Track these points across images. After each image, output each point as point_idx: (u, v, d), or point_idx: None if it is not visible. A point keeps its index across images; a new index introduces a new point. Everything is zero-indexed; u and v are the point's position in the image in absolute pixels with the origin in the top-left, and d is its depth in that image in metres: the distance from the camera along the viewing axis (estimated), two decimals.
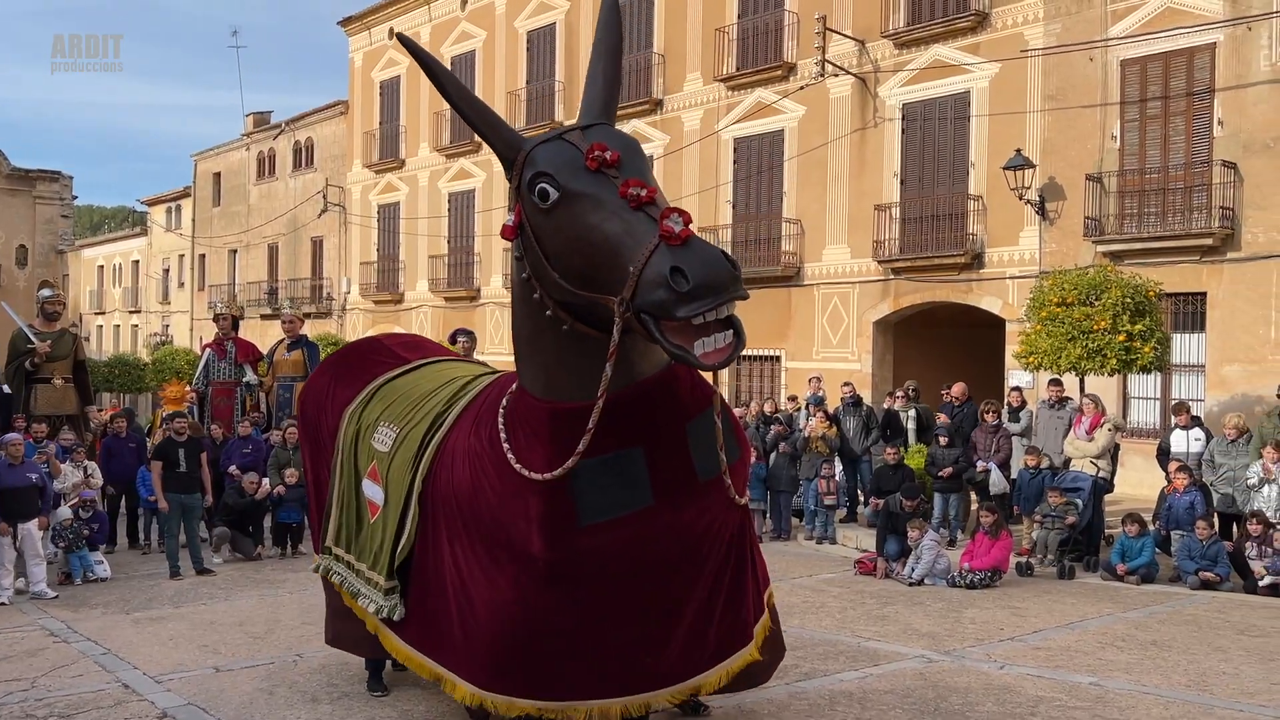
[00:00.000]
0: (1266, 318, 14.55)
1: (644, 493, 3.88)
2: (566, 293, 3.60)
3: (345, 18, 32.40)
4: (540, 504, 3.93)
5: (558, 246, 3.56)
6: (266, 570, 10.76)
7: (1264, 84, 14.58)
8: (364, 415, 5.40)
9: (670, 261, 3.16)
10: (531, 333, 3.93)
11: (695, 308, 3.14)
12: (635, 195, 3.37)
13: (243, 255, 37.65)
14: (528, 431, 4.01)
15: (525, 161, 3.67)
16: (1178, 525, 10.24)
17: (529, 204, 3.63)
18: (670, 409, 3.94)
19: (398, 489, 4.83)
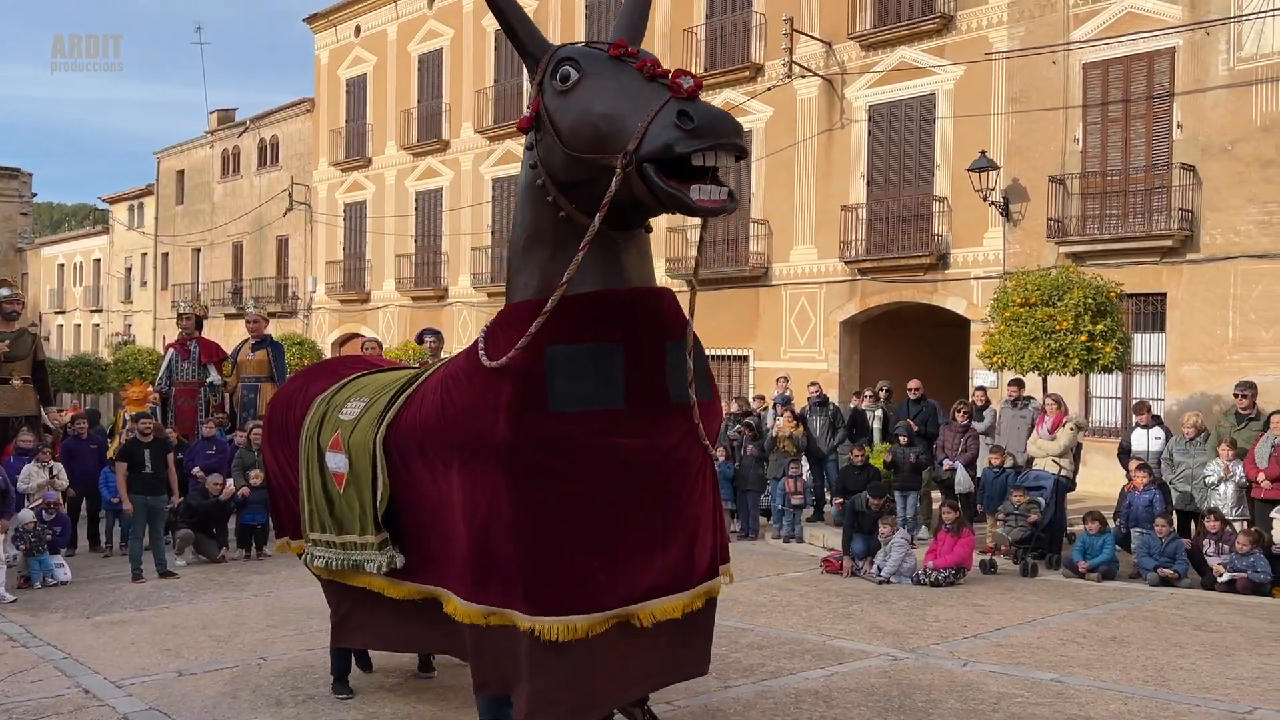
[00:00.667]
0: (1224, 318, 14.80)
1: (616, 393, 3.87)
2: (572, 166, 3.71)
3: (311, 15, 32.15)
4: (511, 389, 3.92)
5: (571, 121, 3.70)
6: (231, 572, 10.67)
7: (1221, 88, 14.83)
8: (334, 399, 5.43)
9: (677, 108, 3.36)
10: (531, 234, 4.03)
11: (696, 144, 3.30)
12: (650, 69, 3.58)
13: (207, 254, 37.26)
14: (509, 332, 4.01)
15: (551, 57, 3.87)
16: (1137, 523, 10.39)
17: (549, 89, 3.81)
18: (654, 323, 3.97)
19: (361, 447, 4.84)
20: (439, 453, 4.34)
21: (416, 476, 4.56)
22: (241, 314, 26.96)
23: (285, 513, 5.98)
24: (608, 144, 3.52)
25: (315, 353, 25.61)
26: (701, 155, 3.33)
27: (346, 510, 5.07)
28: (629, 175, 3.44)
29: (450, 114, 27.50)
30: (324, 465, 5.21)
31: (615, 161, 3.46)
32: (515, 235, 4.16)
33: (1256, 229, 14.53)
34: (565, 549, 3.95)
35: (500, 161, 26.06)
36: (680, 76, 3.44)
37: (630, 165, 3.41)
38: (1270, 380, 13.67)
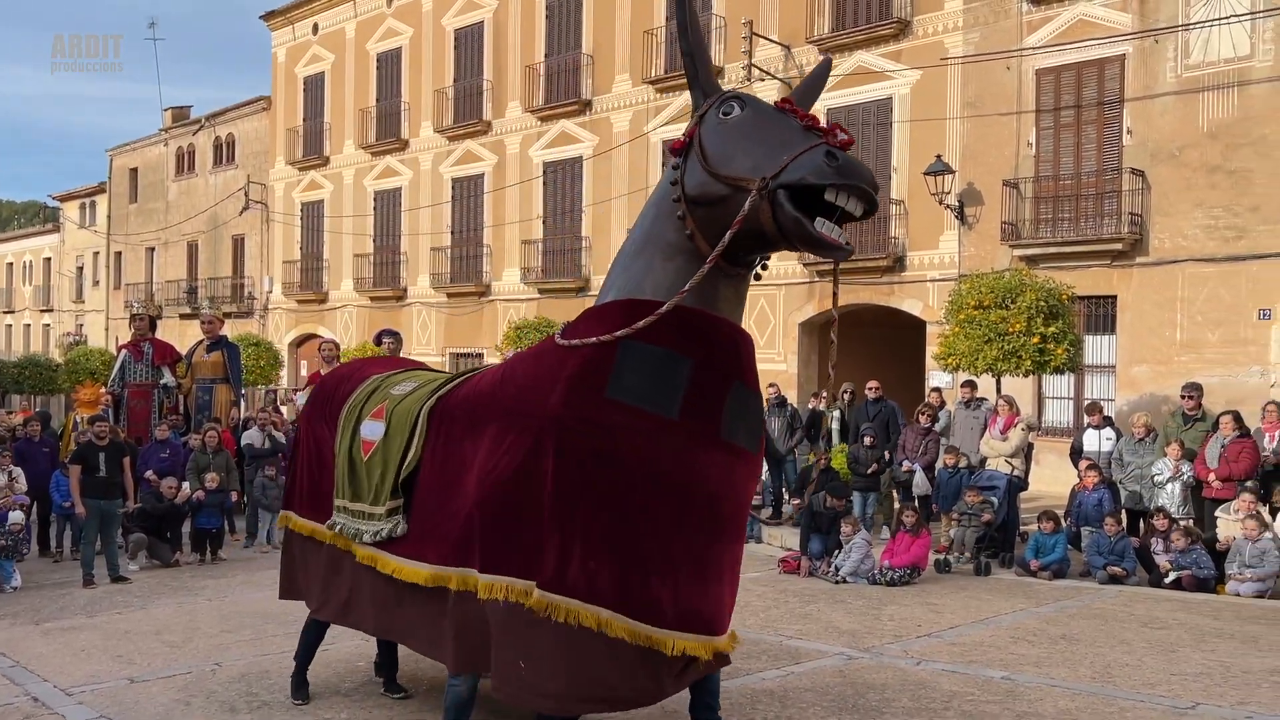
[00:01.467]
0: (1173, 320, 15.11)
1: (673, 403, 3.92)
2: (709, 183, 3.83)
3: (268, 12, 31.82)
4: (577, 364, 4.00)
5: (721, 145, 3.86)
6: (184, 577, 10.54)
7: (1170, 95, 15.15)
8: (389, 378, 5.48)
9: (826, 150, 3.54)
10: (644, 241, 4.14)
11: (837, 179, 3.48)
12: (810, 121, 3.77)
13: (161, 253, 36.73)
14: (592, 323, 4.10)
15: (721, 95, 4.08)
16: (1087, 522, 10.59)
17: (710, 118, 3.98)
18: (729, 356, 4.05)
19: (405, 414, 4.89)
20: (479, 420, 4.41)
21: (450, 448, 4.59)
22: (196, 314, 26.63)
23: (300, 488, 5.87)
24: (748, 169, 3.69)
25: (272, 353, 25.35)
26: (834, 192, 3.51)
27: (365, 479, 5.11)
28: (761, 198, 3.58)
29: (409, 113, 27.34)
30: (356, 433, 5.24)
31: (752, 184, 3.61)
32: (627, 243, 4.29)
33: (1203, 233, 14.85)
34: (588, 534, 3.89)
35: (460, 161, 25.96)
36: (837, 128, 3.70)
37: (766, 188, 3.56)
38: (1216, 381, 14.00)
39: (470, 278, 25.38)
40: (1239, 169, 14.54)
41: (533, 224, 24.06)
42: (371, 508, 5.00)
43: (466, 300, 25.44)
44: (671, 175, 4.06)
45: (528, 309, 23.24)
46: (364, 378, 5.65)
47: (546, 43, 24.00)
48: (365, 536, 4.99)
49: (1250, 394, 13.69)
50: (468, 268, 25.58)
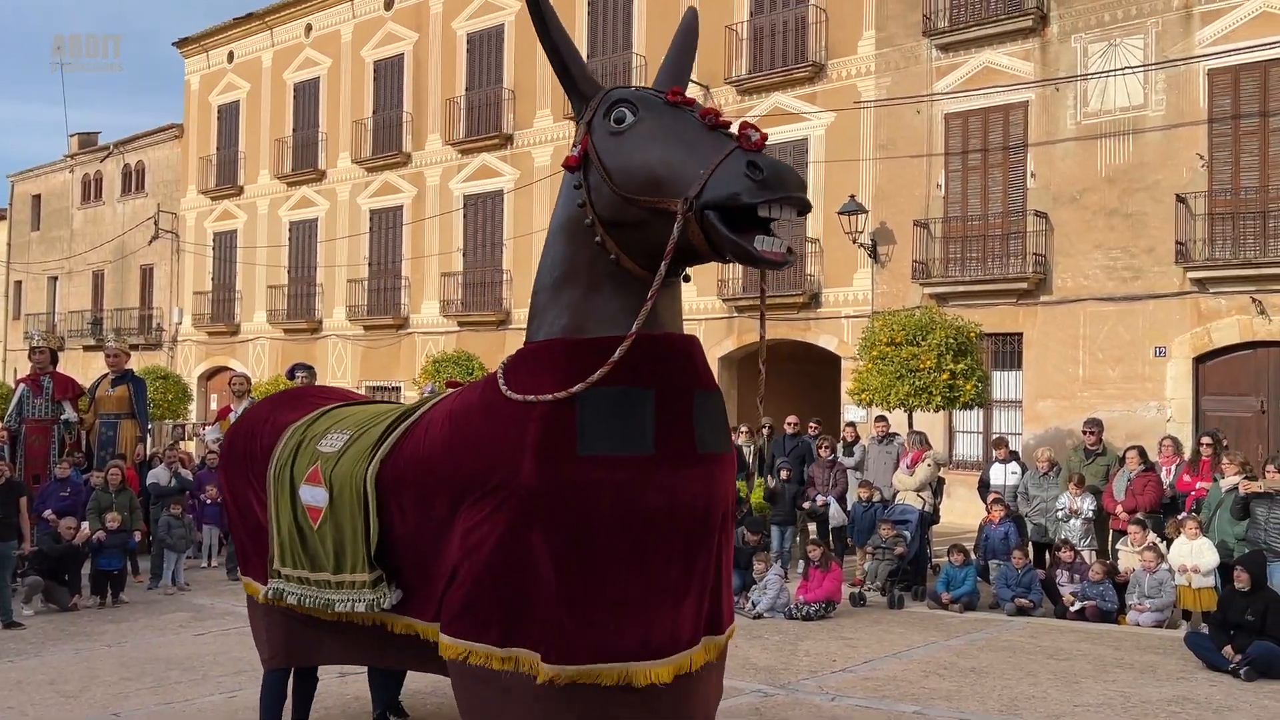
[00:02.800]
0: (1075, 357, 15.66)
1: (646, 440, 3.73)
2: (623, 207, 3.58)
3: (181, 39, 31.27)
4: (539, 428, 3.76)
5: (624, 161, 3.59)
6: (83, 622, 10.13)
7: (1070, 141, 15.79)
8: (310, 428, 5.03)
9: (745, 159, 3.29)
10: (566, 271, 3.86)
11: (767, 195, 3.25)
12: (711, 120, 3.51)
13: (64, 283, 35.54)
14: (534, 368, 3.86)
15: (603, 98, 3.78)
16: (994, 555, 10.85)
17: (601, 129, 3.69)
18: (685, 370, 3.87)
19: (347, 481, 4.51)
20: (441, 489, 4.11)
21: (409, 513, 4.30)
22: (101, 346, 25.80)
23: (250, 550, 5.42)
24: (664, 189, 3.45)
25: (179, 387, 24.66)
26: (768, 206, 3.30)
27: (320, 547, 4.71)
28: (688, 221, 3.38)
29: (327, 144, 27.04)
30: (296, 499, 4.82)
31: (672, 206, 3.40)
32: (545, 271, 3.97)
33: (1103, 273, 15.46)
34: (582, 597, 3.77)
35: (378, 193, 25.73)
36: (748, 128, 3.43)
37: (691, 211, 3.35)
38: (1117, 415, 14.54)
39: (388, 310, 25.09)
40: (1135, 212, 15.20)
41: (452, 256, 23.93)
42: (341, 576, 4.62)
43: (384, 333, 25.14)
44: (576, 196, 3.79)
45: (447, 342, 23.05)
46: (278, 428, 5.21)
47: (467, 77, 24.02)
48: (341, 606, 4.61)
49: (1148, 428, 14.25)
50: (385, 300, 25.30)
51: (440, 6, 24.63)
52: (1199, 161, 14.68)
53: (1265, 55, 14.21)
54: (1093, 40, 15.66)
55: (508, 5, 23.17)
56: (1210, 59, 14.69)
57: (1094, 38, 15.64)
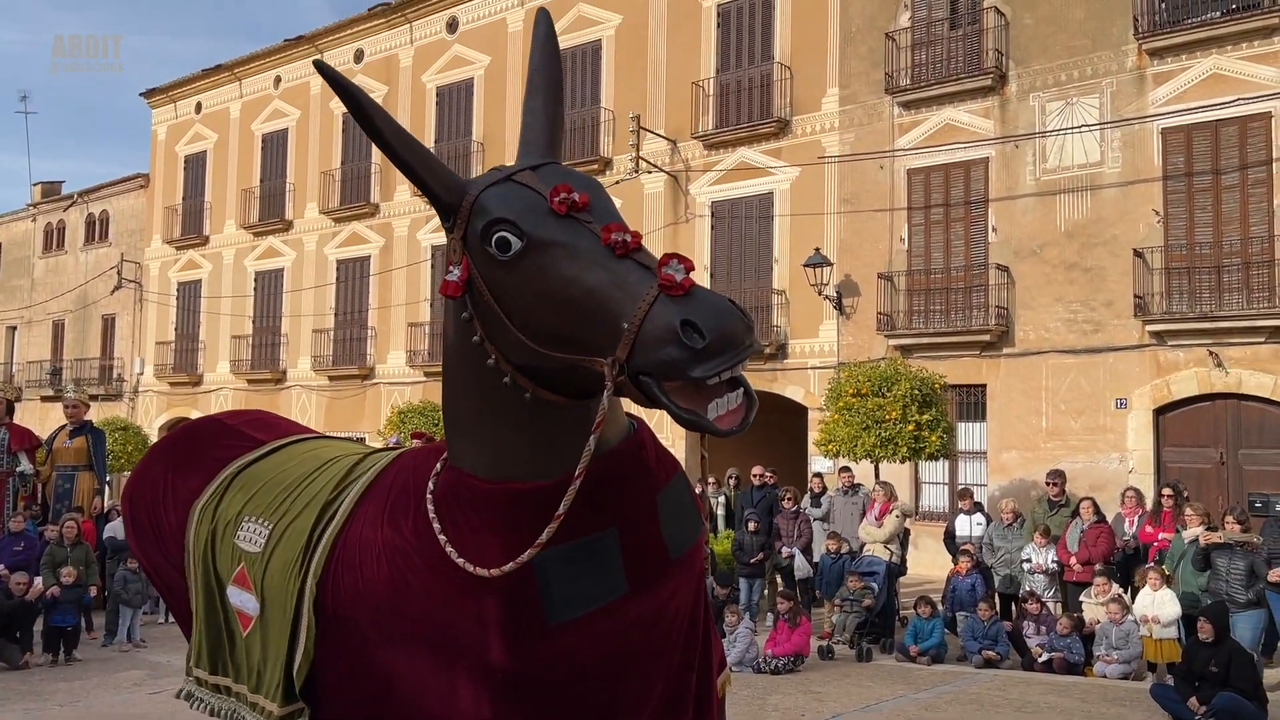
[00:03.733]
0: (1038, 409, 15.83)
1: (618, 580, 3.29)
2: (535, 356, 3.00)
3: (149, 89, 31.23)
4: (498, 604, 3.28)
5: (524, 304, 2.98)
6: (34, 680, 9.84)
7: (1030, 196, 16.11)
8: (220, 510, 4.48)
9: (679, 314, 2.67)
10: (480, 404, 3.28)
11: (712, 366, 2.65)
12: (620, 240, 2.86)
13: (24, 332, 35.03)
14: (475, 521, 3.34)
15: (474, 209, 3.08)
16: (962, 606, 10.85)
17: (481, 256, 3.02)
18: (641, 480, 3.38)
19: (280, 595, 3.97)
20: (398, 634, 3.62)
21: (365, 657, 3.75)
22: (60, 397, 25.39)
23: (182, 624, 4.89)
24: (583, 343, 2.86)
25: (140, 438, 24.28)
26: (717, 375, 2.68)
27: (245, 658, 4.23)
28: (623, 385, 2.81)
29: (294, 194, 27.02)
30: (225, 599, 4.31)
31: (598, 366, 2.81)
32: (454, 395, 3.36)
33: (1064, 326, 15.70)
34: None
35: (346, 243, 25.69)
36: (668, 264, 2.76)
37: (622, 376, 2.78)
38: (1080, 467, 14.68)
39: (353, 360, 24.94)
40: (1094, 266, 15.49)
41: (419, 306, 23.88)
42: (257, 697, 4.11)
43: (349, 383, 24.95)
44: (468, 329, 3.16)
45: (413, 392, 22.91)
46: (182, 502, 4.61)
47: (437, 128, 24.17)
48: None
49: (1110, 479, 14.39)
50: (351, 350, 25.15)
51: (410, 60, 24.84)
52: (1155, 217, 15.02)
53: (1215, 115, 14.63)
54: (1050, 99, 16.05)
55: (477, 60, 23.42)
56: (1163, 118, 15.10)
57: (1051, 96, 16.04)
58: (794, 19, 18.71)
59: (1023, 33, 16.36)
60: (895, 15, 17.60)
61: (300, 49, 27.13)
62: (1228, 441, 14.53)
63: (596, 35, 21.34)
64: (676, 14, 20.14)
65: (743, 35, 19.39)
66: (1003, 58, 16.47)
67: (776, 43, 18.89)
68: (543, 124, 3.31)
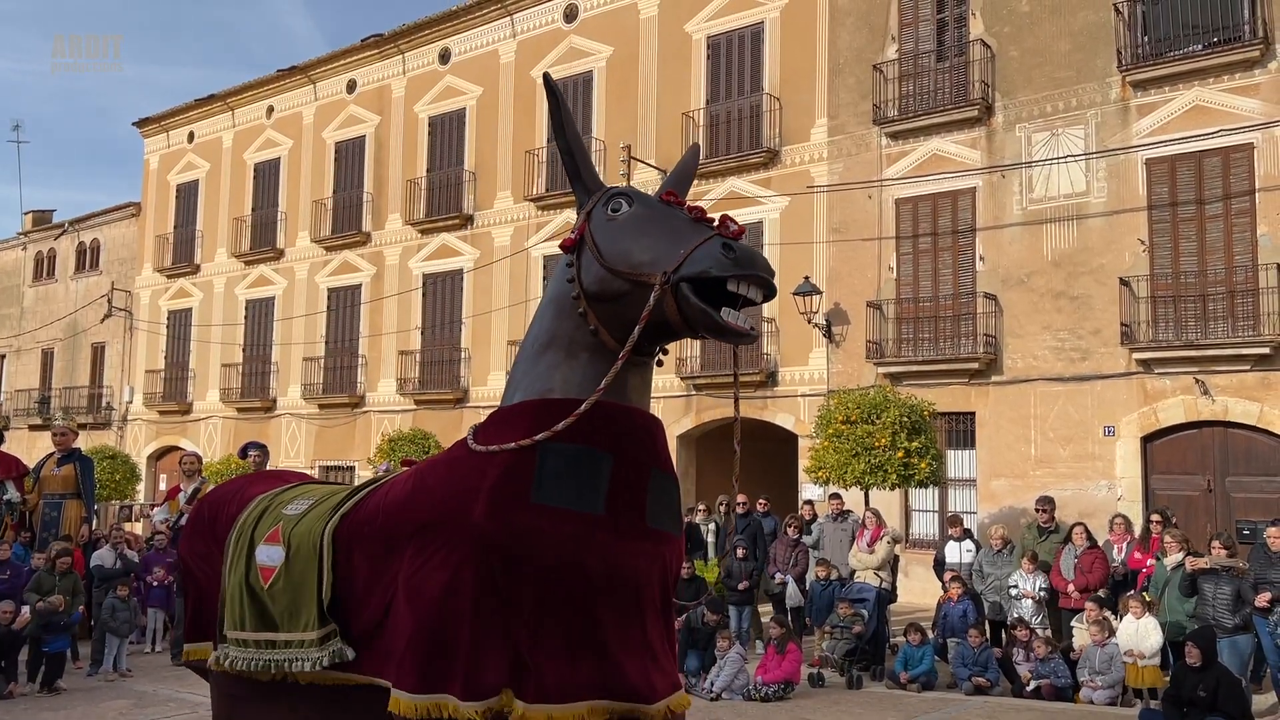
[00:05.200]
0: (1027, 436, 15.90)
1: (597, 499, 3.90)
2: (609, 280, 3.83)
3: (142, 119, 31.36)
4: (498, 472, 3.93)
5: (616, 243, 3.85)
6: (18, 710, 9.76)
7: (1017, 225, 16.26)
8: (278, 497, 5.15)
9: (721, 242, 3.56)
10: (547, 339, 4.09)
11: (736, 271, 3.50)
12: (698, 214, 3.78)
13: (12, 361, 34.92)
14: (503, 425, 4.02)
15: (605, 191, 4.07)
16: (953, 633, 10.85)
17: (598, 216, 3.98)
18: (643, 444, 4.03)
19: (306, 538, 4.59)
20: (396, 536, 4.22)
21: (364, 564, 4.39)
22: (48, 425, 25.28)
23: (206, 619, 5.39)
24: (647, 265, 3.72)
25: (128, 466, 24.17)
26: (736, 283, 3.55)
27: (269, 606, 4.75)
28: (665, 293, 3.62)
29: (286, 223, 27.10)
30: (251, 560, 4.88)
31: (652, 279, 3.66)
32: (529, 343, 4.20)
33: (1051, 354, 15.80)
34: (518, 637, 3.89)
35: (337, 271, 25.74)
36: (728, 220, 3.70)
37: (668, 283, 3.60)
38: (1069, 494, 14.72)
39: (344, 388, 24.92)
40: (1081, 294, 15.62)
41: (410, 334, 23.90)
42: (292, 635, 4.62)
43: (339, 411, 24.92)
44: (567, 273, 4.06)
45: (403, 420, 22.89)
46: (248, 499, 5.31)
47: (429, 158, 24.30)
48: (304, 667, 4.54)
49: (1099, 506, 14.44)
50: (341, 378, 25.13)
51: (403, 90, 25.02)
52: (1140, 246, 15.17)
53: (1199, 146, 14.82)
54: (1036, 130, 16.24)
55: (469, 90, 23.59)
56: (1147, 149, 15.29)
57: (1037, 127, 16.23)
58: (783, 51, 18.94)
59: (1008, 65, 16.58)
60: (883, 47, 17.82)
61: (293, 79, 27.31)
62: (1215, 468, 14.60)
63: (588, 66, 21.54)
64: (667, 46, 20.36)
65: (732, 66, 19.60)
66: (989, 89, 16.68)
67: (766, 74, 19.10)
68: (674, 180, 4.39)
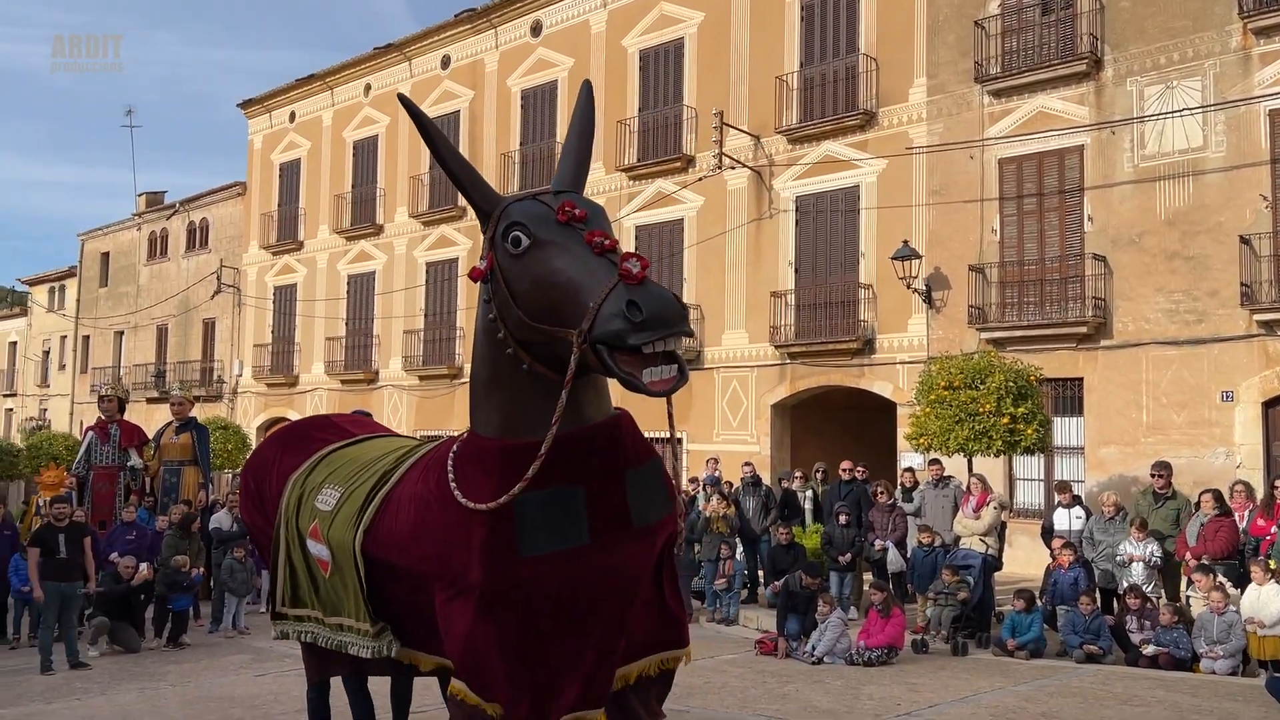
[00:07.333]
0: (1138, 402, 15.34)
1: (581, 531, 4.08)
2: (529, 329, 3.89)
3: (245, 100, 32.27)
4: (484, 532, 4.11)
5: (524, 287, 3.88)
6: (147, 662, 10.25)
7: (1128, 184, 15.63)
8: (308, 480, 5.50)
9: (626, 297, 3.53)
10: (490, 375, 4.20)
11: (646, 336, 3.50)
12: (599, 243, 3.76)
13: (130, 337, 36.49)
14: (477, 469, 4.21)
15: (501, 215, 4.05)
16: (1063, 600, 10.58)
17: (501, 250, 3.98)
18: (613, 455, 4.17)
19: (341, 546, 4.96)
20: (413, 567, 4.53)
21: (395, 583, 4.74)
22: (164, 397, 26.36)
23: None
24: (562, 318, 3.74)
25: (240, 437, 25.09)
26: (650, 345, 3.54)
27: (331, 594, 5.18)
28: (585, 352, 3.66)
29: (385, 199, 27.63)
30: (306, 549, 5.29)
31: (569, 336, 3.69)
32: (476, 368, 4.34)
33: (1164, 317, 15.19)
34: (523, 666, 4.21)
35: (434, 246, 26.18)
36: (628, 260, 3.65)
37: (585, 343, 3.63)
38: (1183, 461, 14.17)
39: (442, 360, 25.38)
40: (1197, 255, 14.96)
41: None
42: (353, 623, 5.08)
43: (438, 383, 25.40)
44: (488, 310, 4.12)
45: None
46: (284, 474, 5.70)
47: (521, 131, 24.47)
48: (352, 649, 5.09)
49: (1216, 475, 13.84)
50: (440, 350, 25.60)
51: (496, 65, 25.21)
52: (1262, 203, 14.44)
53: None
54: (1149, 83, 15.56)
55: (561, 62, 23.65)
56: (1271, 99, 14.51)
57: (1150, 80, 15.55)
58: (879, 10, 18.49)
59: (1119, 16, 15.89)
60: (984, 2, 17.26)
61: (389, 57, 27.76)
62: None
63: (679, 34, 21.38)
64: (759, 9, 20.06)
65: (827, 28, 19.22)
66: (1098, 42, 16.02)
67: (861, 34, 18.68)
68: (571, 161, 4.33)
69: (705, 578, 12.89)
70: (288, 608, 5.50)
